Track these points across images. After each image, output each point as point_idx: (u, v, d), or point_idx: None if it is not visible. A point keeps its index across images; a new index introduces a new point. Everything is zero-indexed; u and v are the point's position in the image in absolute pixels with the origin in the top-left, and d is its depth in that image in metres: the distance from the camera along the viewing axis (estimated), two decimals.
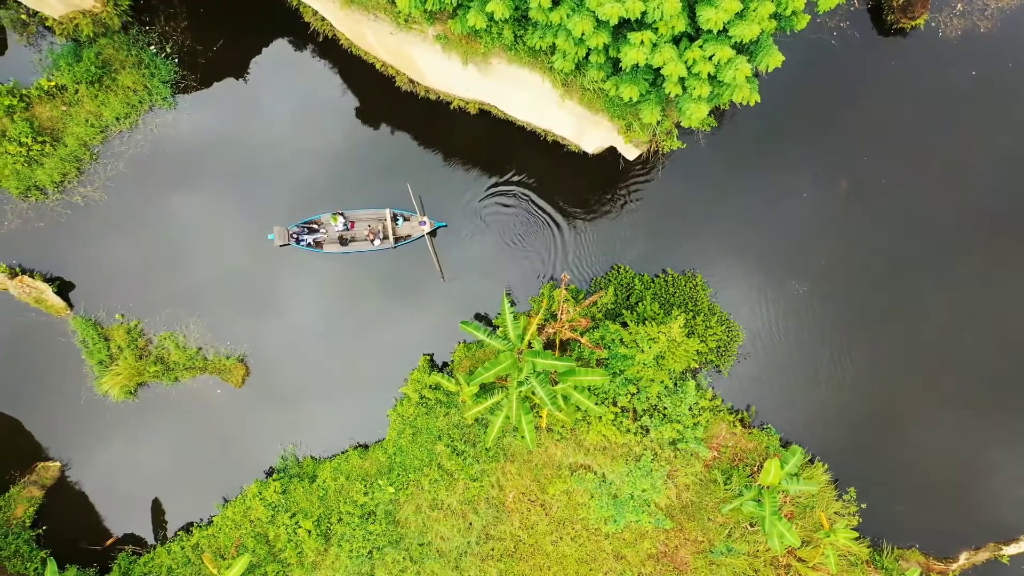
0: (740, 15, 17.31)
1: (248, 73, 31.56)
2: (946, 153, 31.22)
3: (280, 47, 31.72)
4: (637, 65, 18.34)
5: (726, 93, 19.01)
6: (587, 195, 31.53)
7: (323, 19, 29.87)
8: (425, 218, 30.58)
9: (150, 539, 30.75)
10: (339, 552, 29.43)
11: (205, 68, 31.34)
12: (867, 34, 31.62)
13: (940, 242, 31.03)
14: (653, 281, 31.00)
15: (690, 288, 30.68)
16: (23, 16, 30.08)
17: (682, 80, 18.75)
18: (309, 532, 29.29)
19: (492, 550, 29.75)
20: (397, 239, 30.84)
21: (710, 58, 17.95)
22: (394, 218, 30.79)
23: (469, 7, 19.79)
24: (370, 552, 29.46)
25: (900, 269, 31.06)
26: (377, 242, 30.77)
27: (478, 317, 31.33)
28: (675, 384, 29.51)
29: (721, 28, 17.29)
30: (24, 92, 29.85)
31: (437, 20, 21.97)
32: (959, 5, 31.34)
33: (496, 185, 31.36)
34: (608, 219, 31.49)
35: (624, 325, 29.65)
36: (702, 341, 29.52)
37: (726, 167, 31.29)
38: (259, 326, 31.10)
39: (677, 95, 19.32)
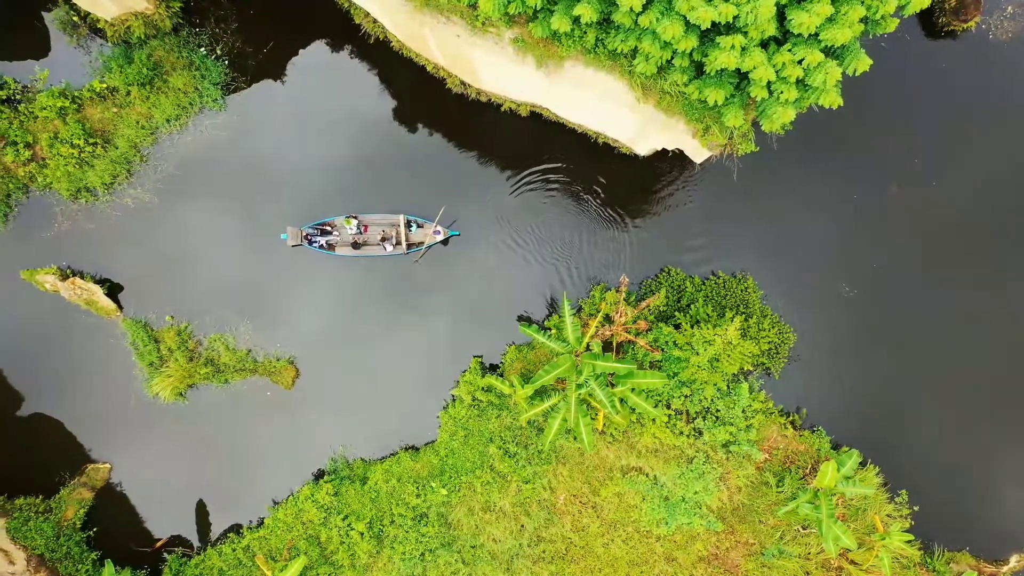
0: (830, 19, 17.29)
1: (298, 75, 31.42)
2: (995, 156, 31.17)
3: (330, 49, 31.58)
4: (723, 69, 18.32)
5: (811, 97, 18.98)
6: (637, 197, 31.45)
7: (375, 21, 29.75)
8: (439, 227, 30.48)
9: (199, 541, 30.73)
10: (391, 554, 29.42)
11: (255, 70, 31.27)
12: (917, 37, 31.59)
13: (992, 244, 30.98)
14: (704, 283, 30.96)
15: (741, 290, 30.64)
16: (75, 18, 30.00)
17: (768, 84, 18.73)
18: (362, 534, 29.27)
19: (544, 552, 29.75)
20: (410, 245, 30.71)
21: (799, 62, 17.95)
22: (408, 224, 30.68)
23: (552, 11, 19.76)
24: (422, 554, 29.44)
25: (952, 272, 31.02)
26: (389, 247, 30.57)
27: (520, 319, 31.29)
28: (728, 386, 29.48)
29: (812, 32, 17.28)
30: (76, 94, 29.81)
31: (515, 23, 21.93)
32: (1010, 8, 31.30)
33: (538, 167, 31.27)
34: (659, 221, 31.43)
35: (677, 327, 29.62)
36: (755, 343, 29.48)
37: (773, 170, 31.14)
38: (305, 328, 31.04)
39: (763, 99, 19.31)
